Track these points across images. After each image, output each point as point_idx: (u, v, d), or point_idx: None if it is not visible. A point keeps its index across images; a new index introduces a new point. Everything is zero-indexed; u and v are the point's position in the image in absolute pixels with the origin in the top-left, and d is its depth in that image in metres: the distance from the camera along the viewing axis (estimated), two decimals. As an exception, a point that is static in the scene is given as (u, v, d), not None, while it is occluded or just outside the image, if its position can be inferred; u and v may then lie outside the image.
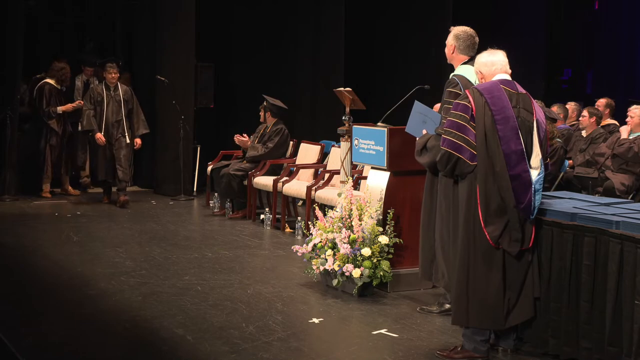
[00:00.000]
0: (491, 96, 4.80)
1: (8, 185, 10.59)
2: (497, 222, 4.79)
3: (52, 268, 7.20)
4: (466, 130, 4.80)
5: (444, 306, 5.84)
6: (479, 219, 4.79)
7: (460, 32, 5.77)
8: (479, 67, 5.07)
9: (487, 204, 4.77)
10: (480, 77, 5.08)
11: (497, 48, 5.10)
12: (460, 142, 4.80)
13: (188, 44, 11.40)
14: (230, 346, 5.14)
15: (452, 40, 5.79)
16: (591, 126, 9.75)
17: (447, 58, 5.88)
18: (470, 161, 4.79)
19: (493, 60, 5.00)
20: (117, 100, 10.36)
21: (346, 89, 7.51)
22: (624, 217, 4.68)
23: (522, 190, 4.75)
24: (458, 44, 5.75)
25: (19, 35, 10.66)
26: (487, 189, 4.77)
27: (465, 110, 4.82)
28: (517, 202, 4.75)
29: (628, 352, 4.44)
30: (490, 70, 4.99)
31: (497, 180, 4.76)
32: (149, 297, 6.26)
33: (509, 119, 4.77)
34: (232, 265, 7.35)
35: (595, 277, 4.65)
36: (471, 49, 5.71)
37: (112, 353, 5.19)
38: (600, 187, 8.92)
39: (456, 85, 5.61)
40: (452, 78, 5.69)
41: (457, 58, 5.77)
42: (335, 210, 6.59)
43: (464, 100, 4.87)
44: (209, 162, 10.51)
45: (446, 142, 4.85)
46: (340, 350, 5.15)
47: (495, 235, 4.79)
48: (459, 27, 5.83)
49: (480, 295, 4.83)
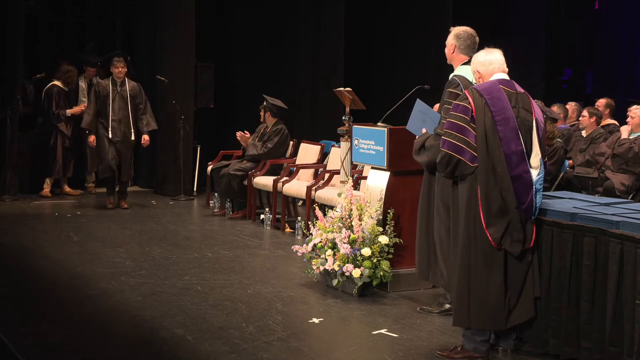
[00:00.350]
0: (491, 97, 4.79)
1: (8, 185, 10.59)
2: (499, 223, 4.78)
3: (52, 268, 7.20)
4: (466, 131, 4.79)
5: (444, 306, 5.84)
6: (480, 220, 4.78)
7: (460, 32, 5.76)
8: (476, 67, 5.05)
9: (489, 205, 4.76)
10: (477, 76, 5.07)
11: (495, 47, 5.08)
12: (460, 143, 4.79)
13: (188, 44, 11.40)
14: (230, 346, 5.14)
15: (452, 40, 5.78)
16: (591, 126, 9.75)
17: (447, 58, 5.87)
18: (471, 163, 4.78)
19: (491, 60, 4.98)
20: (123, 96, 10.19)
21: (346, 89, 7.51)
22: (624, 217, 4.68)
23: (523, 191, 4.75)
24: (459, 44, 5.74)
25: (19, 35, 10.66)
26: (488, 190, 4.76)
27: (465, 112, 4.81)
28: (519, 203, 4.75)
29: (629, 352, 4.44)
30: (488, 69, 4.97)
31: (498, 181, 4.75)
32: (149, 297, 6.26)
33: (509, 120, 4.76)
34: (232, 265, 7.35)
35: (595, 277, 4.64)
36: (471, 49, 5.69)
37: (112, 353, 5.18)
38: (600, 187, 8.92)
39: (457, 85, 5.60)
40: (452, 78, 5.68)
41: (458, 58, 5.76)
42: (335, 210, 6.59)
43: (464, 101, 4.86)
44: (209, 162, 10.51)
45: (446, 144, 4.84)
46: (340, 350, 5.15)
47: (497, 237, 4.78)
48: (459, 27, 5.82)
49: (481, 296, 4.83)
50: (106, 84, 10.27)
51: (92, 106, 10.19)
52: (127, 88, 10.26)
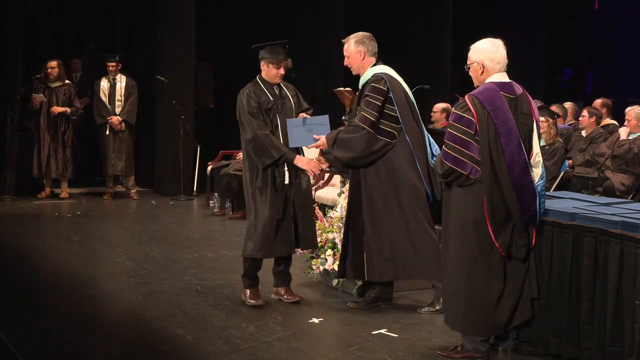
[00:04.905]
0: (493, 108, 4.68)
1: (8, 185, 10.59)
2: (504, 232, 4.75)
3: (52, 268, 7.20)
4: (470, 146, 4.69)
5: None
6: (489, 232, 4.73)
7: (361, 37, 5.85)
8: (483, 59, 4.79)
9: (494, 215, 4.72)
10: (479, 68, 4.81)
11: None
12: (463, 158, 4.70)
13: (188, 44, 11.40)
14: (230, 346, 5.13)
15: (358, 47, 5.83)
16: (591, 126, 9.75)
17: (353, 69, 5.93)
18: (473, 175, 4.73)
19: (498, 58, 4.79)
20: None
21: (346, 88, 7.51)
22: (624, 217, 4.68)
23: (527, 200, 4.71)
24: (366, 48, 5.82)
25: (19, 35, 10.66)
26: (493, 201, 4.70)
27: (469, 125, 4.69)
28: (523, 211, 4.72)
29: (630, 352, 4.44)
30: (494, 66, 4.79)
31: (501, 191, 4.71)
32: (149, 297, 6.26)
33: (512, 130, 4.69)
34: (232, 265, 7.34)
35: (595, 277, 4.64)
36: (375, 50, 5.86)
37: (112, 353, 5.18)
38: (600, 187, 8.92)
39: (380, 80, 5.68)
40: (376, 74, 5.73)
41: (368, 61, 5.84)
42: (335, 210, 6.58)
43: (466, 112, 4.71)
44: (209, 162, 10.52)
45: (450, 158, 4.73)
46: (340, 350, 5.15)
47: (505, 245, 4.76)
48: (354, 34, 5.88)
49: (479, 302, 4.80)
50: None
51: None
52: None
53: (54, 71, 10.71)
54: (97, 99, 10.94)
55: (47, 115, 10.66)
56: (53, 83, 10.74)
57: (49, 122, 10.68)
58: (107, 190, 11.07)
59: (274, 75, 6.23)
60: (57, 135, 10.71)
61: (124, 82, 10.97)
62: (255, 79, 6.25)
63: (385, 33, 13.29)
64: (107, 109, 10.85)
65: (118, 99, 10.90)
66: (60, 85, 10.78)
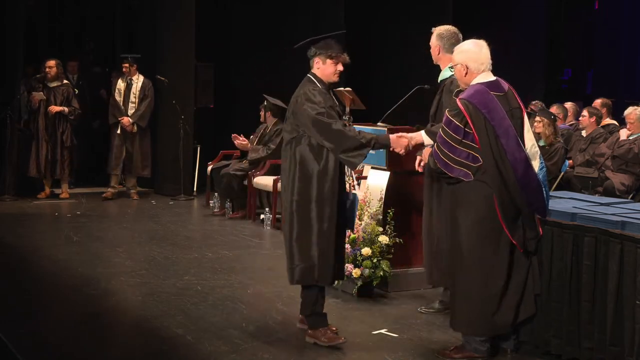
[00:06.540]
0: (488, 110, 4.70)
1: (8, 185, 10.59)
2: (517, 227, 4.78)
3: (52, 268, 7.20)
4: (456, 150, 4.73)
5: (445, 305, 5.84)
6: (504, 230, 4.74)
7: (443, 31, 5.75)
8: (466, 60, 4.82)
9: (505, 213, 4.74)
10: (463, 71, 4.83)
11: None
12: (449, 161, 4.75)
13: (188, 44, 11.40)
14: (230, 346, 5.13)
15: (436, 40, 5.75)
16: (591, 126, 9.76)
17: (433, 60, 5.85)
18: (464, 178, 4.74)
19: (482, 59, 4.82)
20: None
21: (346, 88, 7.52)
22: (624, 217, 4.68)
23: (533, 194, 4.74)
24: (443, 44, 5.72)
25: (19, 35, 10.66)
26: (503, 201, 4.72)
27: (457, 131, 4.73)
28: (529, 205, 4.74)
29: (630, 351, 4.44)
30: (477, 67, 4.81)
31: (509, 191, 4.72)
32: (149, 297, 6.26)
33: (509, 130, 4.72)
34: (232, 265, 7.35)
35: (595, 277, 4.64)
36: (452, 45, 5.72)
37: (112, 353, 5.18)
38: (600, 187, 8.93)
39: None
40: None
41: (444, 58, 5.71)
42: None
43: (455, 117, 4.74)
44: (209, 162, 10.51)
45: (439, 160, 4.79)
46: (340, 350, 5.15)
47: (521, 240, 4.78)
48: (441, 26, 5.79)
49: (483, 301, 4.80)
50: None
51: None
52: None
53: (52, 70, 10.69)
54: (112, 99, 10.98)
55: (45, 115, 10.66)
56: (51, 82, 10.73)
57: (48, 122, 10.67)
58: (108, 189, 11.06)
59: (331, 73, 5.33)
60: (55, 136, 10.70)
61: (140, 82, 10.95)
62: (307, 77, 5.38)
63: (385, 33, 13.38)
64: (120, 109, 10.84)
65: (132, 100, 10.90)
66: (59, 85, 10.77)
